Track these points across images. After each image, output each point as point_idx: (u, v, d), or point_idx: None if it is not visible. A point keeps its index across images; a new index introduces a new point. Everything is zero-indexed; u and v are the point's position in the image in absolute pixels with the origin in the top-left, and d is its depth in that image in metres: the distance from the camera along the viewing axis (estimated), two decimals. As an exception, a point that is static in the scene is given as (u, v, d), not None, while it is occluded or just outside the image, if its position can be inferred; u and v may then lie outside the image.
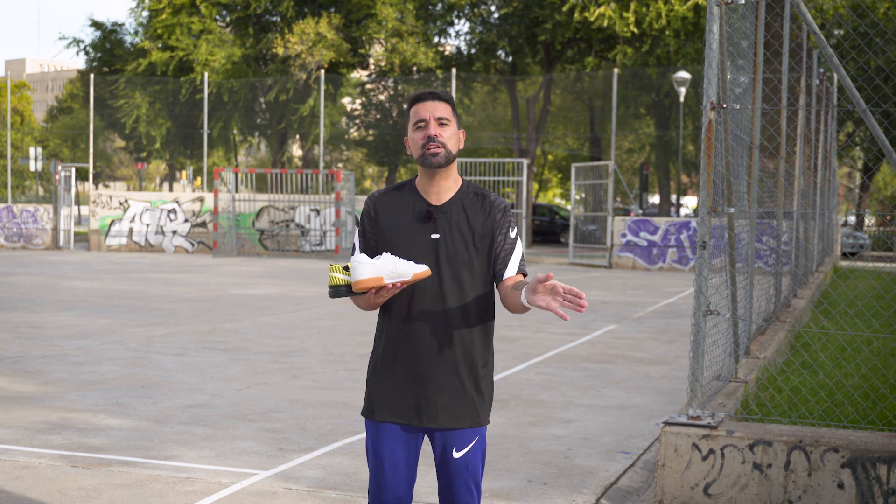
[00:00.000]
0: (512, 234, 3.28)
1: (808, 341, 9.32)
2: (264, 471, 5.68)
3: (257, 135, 41.88)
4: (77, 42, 39.02)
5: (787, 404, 6.25)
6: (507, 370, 9.12)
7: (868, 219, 39.73)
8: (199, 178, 46.83)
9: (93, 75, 33.15)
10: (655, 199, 49.91)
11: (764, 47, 7.43)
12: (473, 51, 36.53)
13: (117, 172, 68.85)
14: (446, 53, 39.25)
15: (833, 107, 17.14)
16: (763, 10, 7.15)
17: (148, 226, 28.41)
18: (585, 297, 2.92)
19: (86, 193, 51.55)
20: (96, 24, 39.18)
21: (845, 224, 41.28)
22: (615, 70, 28.43)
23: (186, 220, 28.24)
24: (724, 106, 5.43)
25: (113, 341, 10.48)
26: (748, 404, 6.15)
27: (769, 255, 10.18)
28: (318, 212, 27.23)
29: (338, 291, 3.18)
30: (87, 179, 39.66)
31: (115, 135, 44.31)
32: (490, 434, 6.55)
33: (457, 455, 3.28)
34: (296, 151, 49.30)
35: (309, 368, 9.08)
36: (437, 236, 3.24)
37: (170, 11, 35.05)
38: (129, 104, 35.67)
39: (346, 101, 40.67)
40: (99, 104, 35.34)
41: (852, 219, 43.38)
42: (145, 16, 37.09)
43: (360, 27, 35.56)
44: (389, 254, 3.16)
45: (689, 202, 65.29)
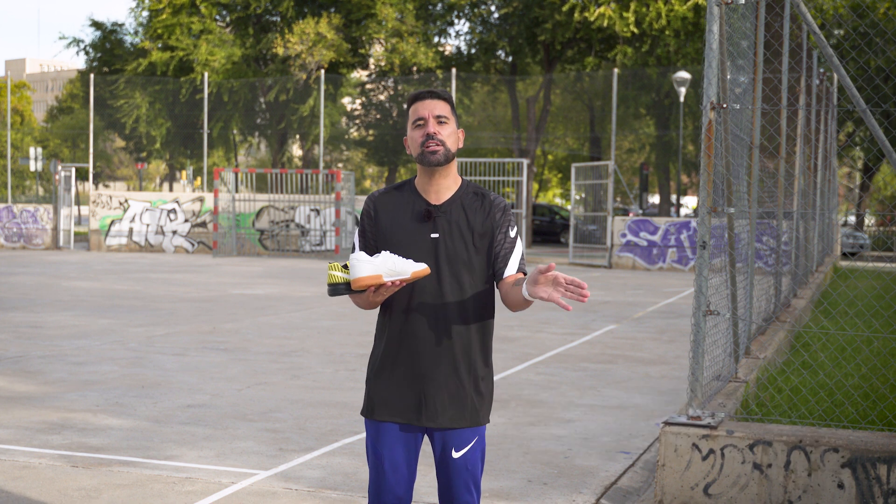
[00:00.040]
0: (512, 233, 3.28)
1: (808, 341, 9.32)
2: (264, 471, 5.68)
3: (257, 135, 41.88)
4: (77, 42, 39.03)
5: (787, 404, 6.25)
6: (507, 370, 9.12)
7: (868, 219, 39.73)
8: (199, 178, 46.84)
9: (93, 75, 33.15)
10: (655, 199, 49.91)
11: (764, 47, 7.43)
12: (473, 51, 36.54)
13: (117, 172, 68.85)
14: (446, 53, 39.24)
15: (833, 107, 17.14)
16: (763, 10, 7.15)
17: (148, 226, 28.41)
18: (587, 287, 2.92)
19: (86, 193, 51.56)
20: (96, 24, 39.19)
21: (845, 224, 41.27)
22: (615, 70, 28.43)
23: (186, 220, 28.24)
24: (724, 106, 5.43)
25: (113, 341, 10.48)
26: (748, 404, 6.15)
27: (769, 255, 10.18)
28: (318, 212, 27.23)
29: (337, 289, 3.17)
30: (87, 179, 39.66)
31: (115, 135, 44.32)
32: (490, 434, 6.55)
33: (456, 455, 3.28)
34: (296, 151, 49.30)
35: (309, 368, 9.08)
36: (436, 236, 3.24)
37: (170, 11, 35.06)
38: (129, 104, 35.68)
39: (346, 101, 40.67)
40: (99, 104, 35.34)
41: (852, 219, 43.38)
42: (145, 16, 37.11)
43: (360, 27, 35.56)
44: (388, 252, 3.16)
45: (689, 202, 65.28)
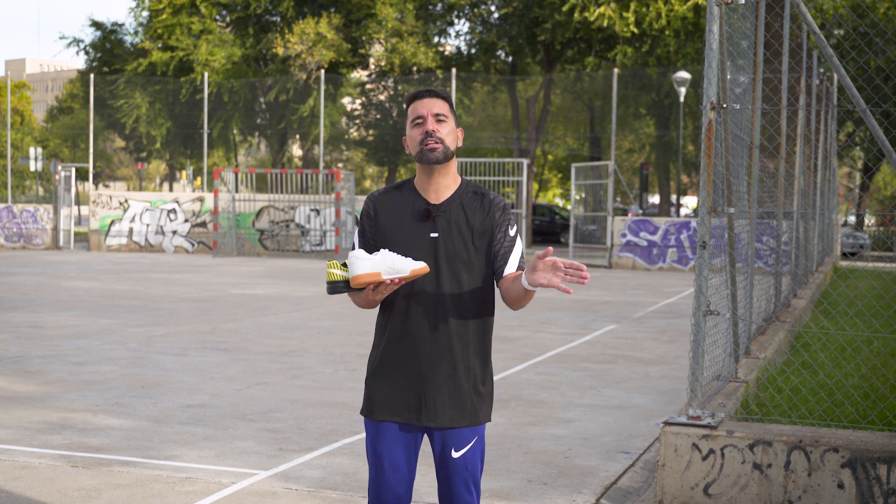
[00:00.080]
0: (511, 232, 3.28)
1: (808, 341, 9.32)
2: (264, 471, 5.68)
3: (257, 135, 41.89)
4: (77, 42, 39.04)
5: (787, 404, 6.25)
6: (507, 370, 9.12)
7: (868, 219, 39.73)
8: (199, 178, 46.85)
9: (93, 75, 33.14)
10: (655, 199, 49.92)
11: (764, 47, 7.43)
12: (473, 51, 36.54)
13: (117, 172, 68.85)
14: (446, 53, 39.25)
15: (833, 107, 17.15)
16: (763, 10, 7.15)
17: (148, 226, 28.40)
18: (586, 270, 2.92)
19: (86, 193, 51.54)
20: (96, 24, 39.20)
21: (845, 224, 41.27)
22: (615, 70, 28.42)
23: (186, 220, 28.24)
24: (724, 106, 5.43)
25: (113, 341, 10.48)
26: (748, 404, 6.15)
27: (769, 255, 10.18)
28: (318, 212, 27.23)
29: (335, 287, 3.17)
30: (87, 179, 39.66)
31: (115, 135, 44.33)
32: (490, 434, 6.55)
33: (456, 455, 3.28)
34: (296, 151, 49.31)
35: (309, 368, 9.08)
36: (435, 235, 3.24)
37: (170, 11, 35.07)
38: (129, 104, 35.68)
39: (346, 101, 40.67)
40: (99, 104, 35.34)
41: (852, 219, 43.38)
42: (145, 16, 37.12)
43: (360, 27, 35.57)
44: (387, 250, 3.16)
45: (689, 202, 65.29)
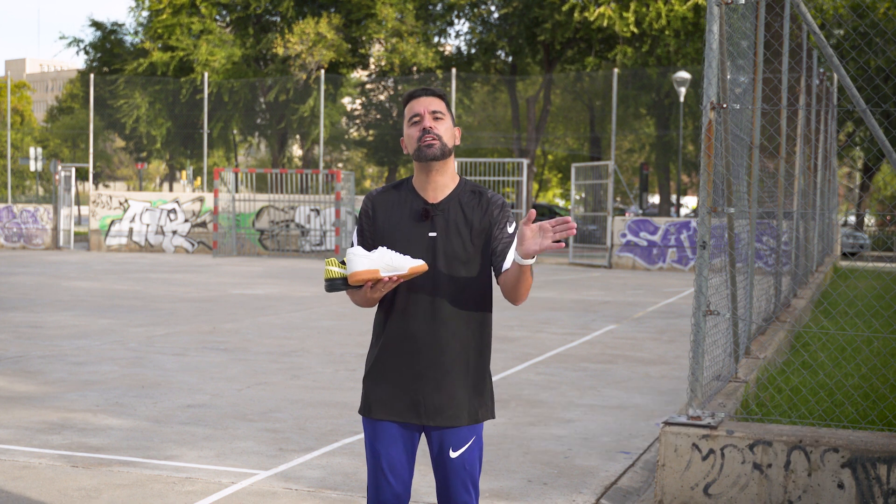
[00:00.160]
0: (510, 229, 3.27)
1: (808, 341, 9.32)
2: (264, 471, 5.68)
3: (257, 135, 41.90)
4: (77, 42, 39.05)
5: (787, 404, 6.25)
6: (507, 370, 9.12)
7: (868, 219, 39.73)
8: (199, 178, 46.86)
9: (93, 75, 33.14)
10: (655, 199, 49.92)
11: (764, 47, 7.43)
12: (473, 51, 36.55)
13: (117, 172, 68.85)
14: (446, 53, 39.25)
15: (833, 107, 17.14)
16: (763, 10, 7.15)
17: (148, 226, 28.41)
18: (572, 222, 2.92)
19: (86, 193, 51.54)
20: (96, 24, 39.20)
21: (845, 224, 41.28)
22: (615, 70, 28.42)
23: (186, 220, 28.24)
24: (724, 106, 5.43)
25: (113, 341, 10.48)
26: (748, 404, 6.15)
27: (769, 255, 10.18)
28: (318, 212, 27.24)
29: (334, 285, 3.16)
30: (87, 179, 39.66)
31: (115, 135, 44.34)
32: (490, 434, 6.55)
33: (454, 455, 3.28)
34: (296, 151, 49.32)
35: (309, 368, 9.08)
36: (434, 234, 3.24)
37: (170, 11, 35.08)
38: (129, 104, 35.69)
39: (346, 101, 40.68)
40: (99, 104, 35.34)
41: (852, 219, 43.38)
42: (145, 16, 37.12)
43: (360, 27, 35.58)
44: (386, 247, 3.16)
45: (689, 202, 65.30)
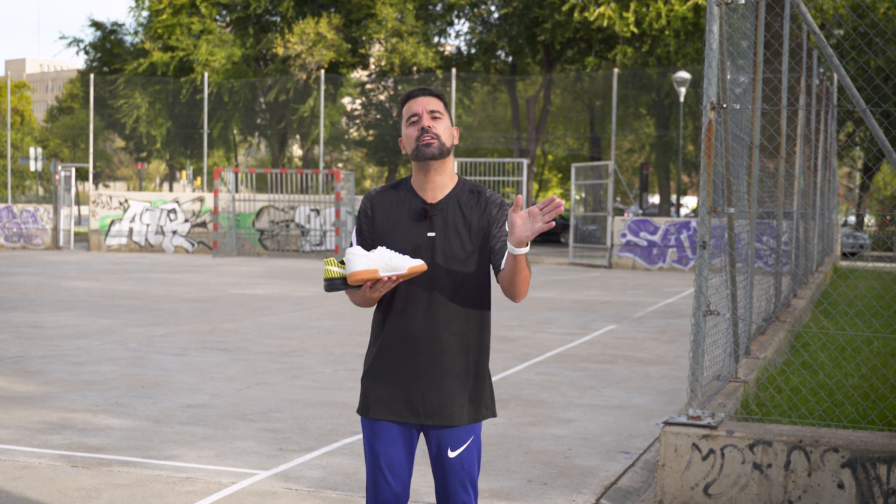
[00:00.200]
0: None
1: (808, 341, 9.32)
2: (264, 471, 5.68)
3: (257, 135, 41.89)
4: (77, 42, 39.04)
5: (787, 404, 6.25)
6: (507, 370, 9.12)
7: (868, 219, 39.73)
8: (199, 178, 46.86)
9: (93, 75, 33.14)
10: (655, 199, 49.92)
11: (764, 47, 7.43)
12: (473, 51, 36.55)
13: (117, 172, 68.86)
14: (446, 53, 39.25)
15: (833, 107, 17.14)
16: (763, 10, 7.15)
17: (148, 226, 28.41)
18: (559, 201, 2.93)
19: (86, 193, 51.54)
20: (96, 24, 39.20)
21: (845, 224, 41.28)
22: (615, 70, 28.42)
23: (186, 220, 28.24)
24: (724, 106, 5.43)
25: (113, 341, 10.48)
26: (748, 404, 6.15)
27: (769, 255, 10.18)
28: (318, 212, 27.24)
29: (333, 284, 3.16)
30: (87, 179, 39.66)
31: (115, 135, 44.34)
32: (490, 434, 6.55)
33: (452, 455, 3.28)
34: (296, 151, 49.32)
35: (309, 368, 9.08)
36: (433, 234, 3.24)
37: (170, 11, 35.08)
38: (129, 104, 35.69)
39: (346, 101, 40.67)
40: (99, 104, 35.34)
41: (852, 219, 43.38)
42: (145, 16, 37.12)
43: (360, 27, 35.57)
44: (385, 247, 3.16)
45: (689, 202, 65.30)
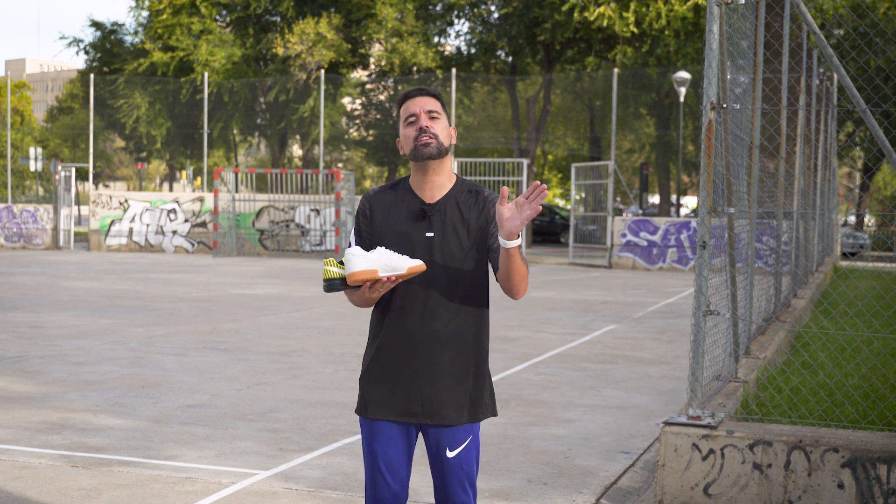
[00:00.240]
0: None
1: (808, 341, 9.32)
2: (264, 471, 5.68)
3: (257, 135, 41.88)
4: (77, 42, 39.02)
5: (787, 404, 6.25)
6: (507, 370, 9.12)
7: (868, 219, 39.72)
8: (199, 178, 46.85)
9: (93, 75, 33.14)
10: (655, 199, 49.91)
11: (764, 47, 7.43)
12: (473, 51, 36.53)
13: (117, 172, 68.84)
14: (446, 53, 39.23)
15: (833, 107, 17.14)
16: (763, 10, 7.15)
17: (148, 226, 28.40)
18: (543, 185, 2.95)
19: (86, 193, 51.53)
20: (96, 24, 39.17)
21: (845, 224, 41.27)
22: (615, 70, 28.41)
23: (186, 220, 28.24)
24: (724, 106, 5.43)
25: (113, 341, 10.48)
26: (748, 404, 6.15)
27: (769, 255, 10.18)
28: (318, 212, 27.24)
29: (332, 285, 3.17)
30: (87, 179, 39.65)
31: (115, 135, 44.31)
32: (490, 434, 6.55)
33: (450, 454, 3.28)
34: (296, 151, 49.31)
35: (309, 368, 9.08)
36: (431, 234, 3.24)
37: (170, 11, 35.06)
38: (128, 104, 35.67)
39: (346, 101, 40.66)
40: (99, 104, 35.32)
41: (852, 219, 43.38)
42: (145, 16, 37.11)
43: (360, 27, 35.56)
44: (384, 248, 3.16)
45: (689, 202, 65.29)
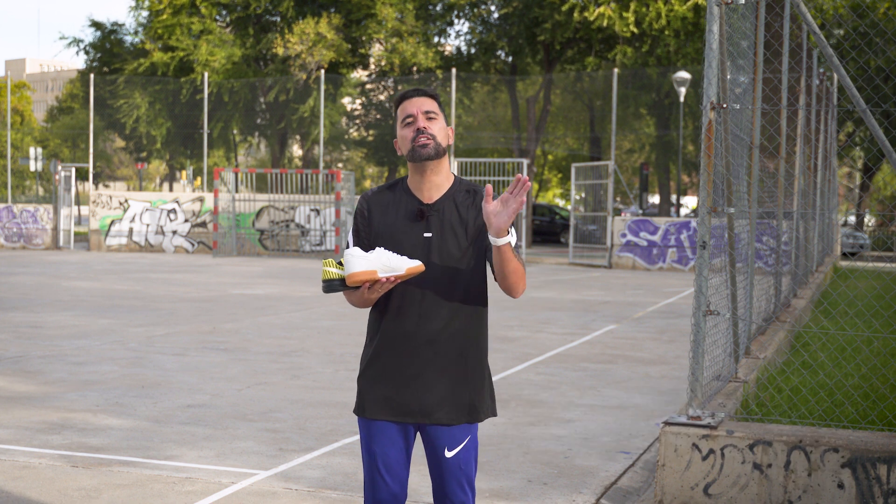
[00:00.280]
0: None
1: (808, 341, 9.31)
2: (264, 471, 5.68)
3: (257, 135, 41.88)
4: (77, 42, 39.02)
5: (787, 404, 6.25)
6: (507, 370, 9.12)
7: (868, 219, 39.72)
8: (199, 178, 46.84)
9: (93, 75, 33.13)
10: (655, 199, 49.91)
11: (764, 47, 7.43)
12: (473, 51, 36.52)
13: (117, 172, 68.84)
14: (446, 53, 39.23)
15: (833, 107, 17.14)
16: (763, 10, 7.15)
17: (148, 226, 28.40)
18: (524, 179, 2.94)
19: (86, 193, 51.52)
20: (96, 24, 39.17)
21: (845, 224, 41.27)
22: (615, 70, 28.41)
23: (186, 220, 28.24)
24: (724, 106, 5.43)
25: (113, 341, 10.48)
26: (748, 404, 6.15)
27: (769, 255, 10.18)
28: (318, 212, 27.24)
29: (331, 286, 3.17)
30: (87, 179, 39.64)
31: (115, 135, 44.31)
32: (490, 434, 6.55)
33: (449, 455, 3.28)
34: (296, 151, 49.31)
35: (309, 368, 9.08)
36: (429, 235, 3.24)
37: (170, 11, 35.06)
38: (128, 104, 35.67)
39: (346, 101, 40.65)
40: (99, 104, 35.32)
41: (852, 219, 43.37)
42: (145, 16, 37.11)
43: (360, 27, 35.56)
44: (383, 248, 3.16)
45: (689, 202, 65.30)
